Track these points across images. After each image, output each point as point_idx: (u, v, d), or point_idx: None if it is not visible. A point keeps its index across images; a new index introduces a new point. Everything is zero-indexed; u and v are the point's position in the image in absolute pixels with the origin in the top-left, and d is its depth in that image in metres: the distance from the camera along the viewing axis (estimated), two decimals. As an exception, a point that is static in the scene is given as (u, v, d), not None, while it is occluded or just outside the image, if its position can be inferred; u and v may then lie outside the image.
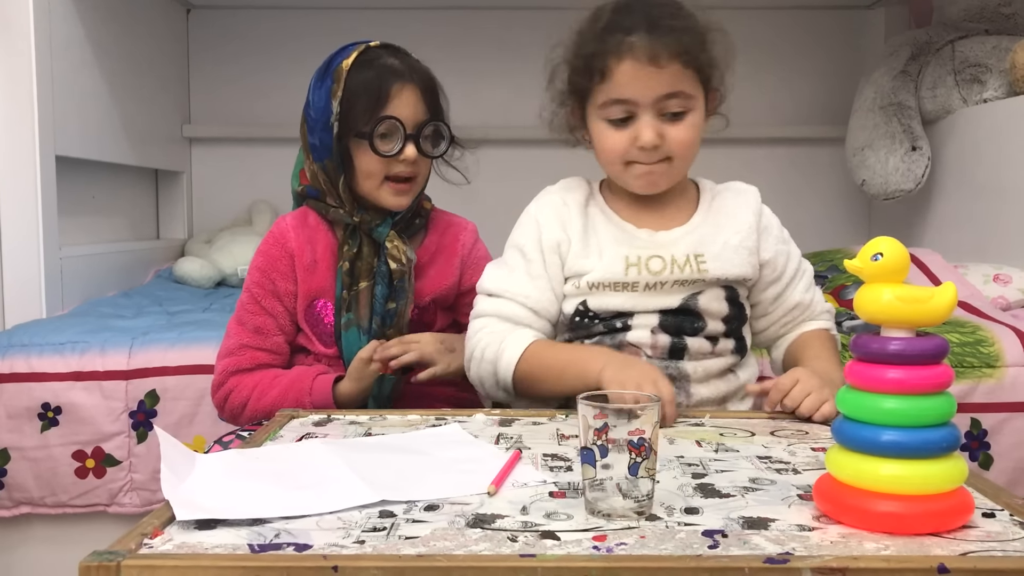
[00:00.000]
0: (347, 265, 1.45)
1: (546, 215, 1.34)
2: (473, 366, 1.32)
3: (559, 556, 0.71)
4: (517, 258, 1.35)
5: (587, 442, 0.82)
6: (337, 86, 1.42)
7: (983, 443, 1.77)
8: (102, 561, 0.70)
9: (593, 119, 1.29)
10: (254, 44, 3.41)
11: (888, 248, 0.80)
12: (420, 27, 3.36)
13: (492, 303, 1.34)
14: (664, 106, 1.24)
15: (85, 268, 2.42)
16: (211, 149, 3.42)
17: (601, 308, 1.30)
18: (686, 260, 1.29)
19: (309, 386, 1.40)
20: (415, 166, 1.44)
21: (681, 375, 1.28)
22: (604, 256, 1.30)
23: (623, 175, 1.31)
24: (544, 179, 1.42)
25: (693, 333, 1.29)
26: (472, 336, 1.33)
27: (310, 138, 1.46)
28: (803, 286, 1.39)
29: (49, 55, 2.22)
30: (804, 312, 1.39)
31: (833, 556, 0.71)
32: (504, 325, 1.32)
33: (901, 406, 0.77)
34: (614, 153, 1.28)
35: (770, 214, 1.39)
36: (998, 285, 2.17)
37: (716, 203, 1.36)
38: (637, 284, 1.29)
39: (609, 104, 1.25)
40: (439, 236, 1.55)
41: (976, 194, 2.62)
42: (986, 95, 2.64)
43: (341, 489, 0.87)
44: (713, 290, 1.31)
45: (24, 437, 1.80)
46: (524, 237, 1.35)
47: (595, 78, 1.25)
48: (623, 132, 1.26)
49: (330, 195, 1.47)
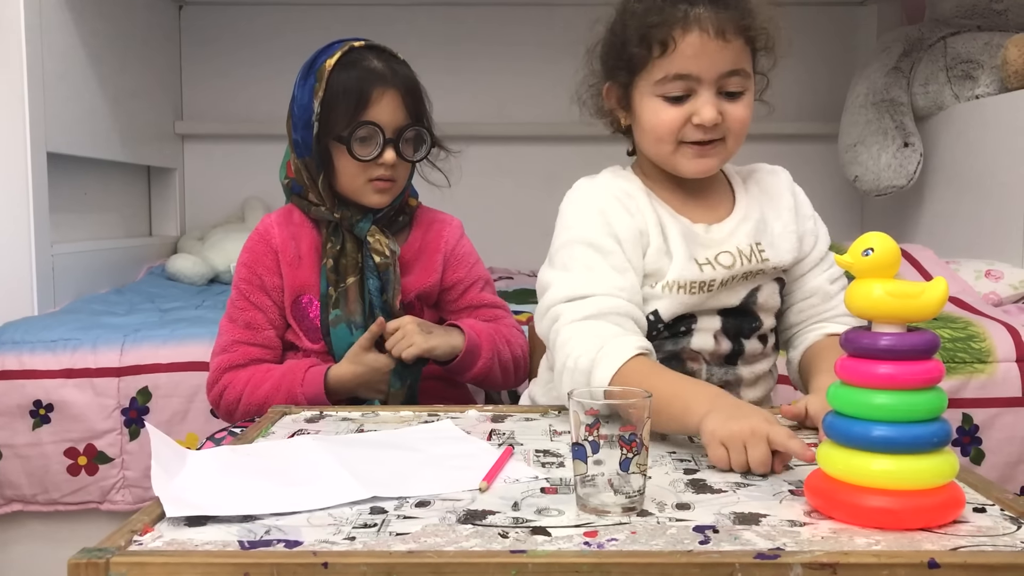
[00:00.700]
0: (331, 262, 1.46)
1: (612, 205, 1.21)
2: (566, 378, 1.11)
3: (550, 552, 0.71)
4: (589, 254, 1.18)
5: (578, 438, 0.82)
6: (319, 85, 1.41)
7: (974, 438, 1.78)
8: (91, 558, 0.70)
9: (644, 96, 1.20)
10: (247, 40, 3.41)
11: (879, 243, 0.80)
12: (410, 23, 3.37)
13: (577, 306, 1.15)
14: (724, 84, 1.17)
15: (77, 265, 2.42)
16: (203, 146, 3.41)
17: (670, 313, 1.19)
18: (750, 251, 1.22)
19: (301, 378, 1.40)
20: (394, 169, 1.44)
21: (736, 380, 1.24)
22: (675, 254, 1.20)
23: (672, 157, 1.21)
24: (532, 176, 1.41)
25: (749, 335, 1.24)
26: (562, 346, 1.14)
27: (294, 134, 1.46)
28: (828, 276, 1.30)
29: (40, 51, 2.22)
30: (824, 303, 1.29)
31: (824, 551, 0.71)
32: (601, 325, 1.13)
33: (892, 401, 0.77)
34: (667, 131, 1.18)
35: (801, 193, 1.34)
36: (990, 281, 2.18)
37: (752, 187, 1.30)
38: (713, 283, 1.20)
39: (669, 79, 1.16)
40: (423, 233, 1.55)
41: (968, 190, 2.63)
42: (978, 91, 2.65)
43: (332, 485, 0.87)
44: (770, 284, 1.26)
45: (16, 434, 1.80)
46: (589, 231, 1.19)
47: (655, 51, 1.16)
48: (679, 109, 1.17)
49: (312, 191, 1.47)
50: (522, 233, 2.94)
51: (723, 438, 0.93)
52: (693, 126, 1.18)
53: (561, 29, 3.11)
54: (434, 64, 1.53)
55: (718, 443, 0.94)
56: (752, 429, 0.93)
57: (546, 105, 3.18)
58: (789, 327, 1.32)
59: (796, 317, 1.31)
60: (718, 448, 0.94)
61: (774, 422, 0.94)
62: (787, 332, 1.33)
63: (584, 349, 1.10)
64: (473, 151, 1.53)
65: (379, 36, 1.53)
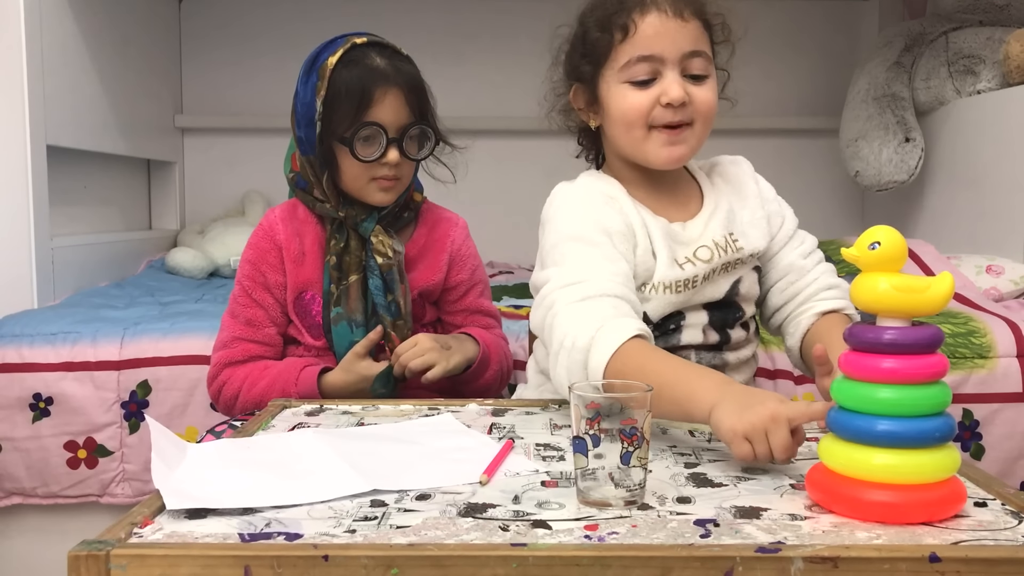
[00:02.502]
0: (334, 259, 1.45)
1: (597, 205, 1.22)
2: (563, 357, 1.08)
3: (551, 545, 0.71)
4: (580, 247, 1.17)
5: (579, 431, 0.82)
6: (322, 84, 1.40)
7: (975, 433, 1.78)
8: (91, 550, 0.70)
9: (611, 85, 1.21)
10: (247, 33, 3.40)
11: (886, 237, 0.79)
12: (411, 15, 3.35)
13: (573, 290, 1.13)
14: (688, 65, 1.19)
15: (77, 258, 2.41)
16: (203, 139, 3.41)
17: (658, 314, 1.20)
18: (725, 242, 1.24)
19: (295, 377, 1.40)
20: (398, 168, 1.43)
21: (722, 364, 1.25)
22: (659, 255, 1.21)
23: (643, 145, 1.21)
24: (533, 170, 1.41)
25: (734, 324, 1.26)
26: (559, 327, 1.11)
27: (298, 131, 1.45)
28: (800, 252, 1.31)
29: (40, 45, 2.21)
30: (801, 278, 1.30)
31: (825, 545, 0.71)
32: (598, 307, 1.10)
33: (897, 396, 0.77)
34: (637, 115, 1.19)
35: (763, 180, 1.35)
36: (990, 276, 2.17)
37: (717, 179, 1.32)
38: (697, 279, 1.21)
39: (633, 63, 1.18)
40: (428, 231, 1.54)
41: (969, 185, 2.63)
42: (979, 86, 2.65)
43: (332, 478, 0.87)
44: (750, 274, 1.27)
45: (15, 427, 1.79)
46: (577, 228, 1.19)
47: (616, 36, 1.19)
48: (646, 92, 1.19)
49: (317, 188, 1.46)
50: (523, 228, 2.92)
51: (745, 432, 0.90)
52: (662, 107, 1.19)
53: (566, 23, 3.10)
54: (436, 57, 1.52)
55: (741, 439, 0.90)
56: (771, 415, 0.89)
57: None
58: (774, 311, 1.33)
59: (778, 298, 1.32)
60: (743, 444, 0.90)
61: (787, 401, 0.92)
62: (775, 318, 1.33)
63: (582, 329, 1.07)
64: (474, 145, 1.52)
65: (381, 28, 1.52)
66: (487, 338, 1.51)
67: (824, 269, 1.32)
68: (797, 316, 1.29)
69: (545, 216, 1.25)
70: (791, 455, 0.90)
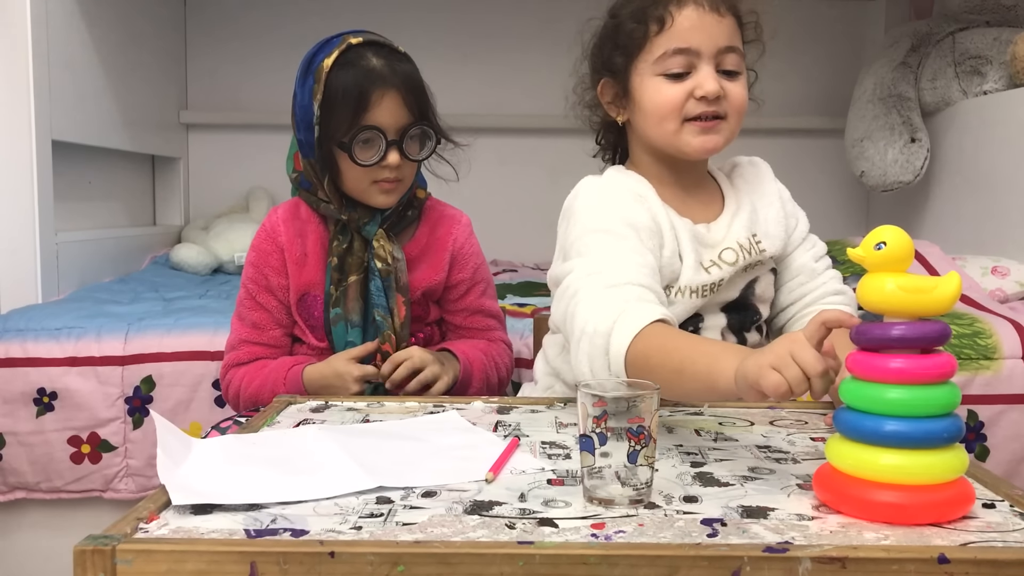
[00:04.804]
0: (335, 261, 1.44)
1: (626, 200, 1.21)
2: (584, 343, 1.07)
3: (557, 543, 0.71)
4: (606, 239, 1.16)
5: (586, 430, 0.81)
6: (318, 87, 1.37)
7: (980, 435, 1.77)
8: (97, 545, 0.70)
9: (644, 78, 1.21)
10: (252, 29, 3.40)
11: (892, 237, 0.79)
12: (416, 12, 3.35)
13: (597, 279, 1.11)
14: (722, 60, 1.19)
15: (81, 253, 2.42)
16: (208, 135, 3.41)
17: (678, 317, 1.18)
18: (749, 244, 1.24)
19: (283, 376, 1.41)
20: (399, 170, 1.40)
21: None
22: (686, 259, 1.20)
23: (676, 137, 1.20)
24: (537, 168, 1.40)
25: (750, 327, 1.26)
26: (580, 314, 1.09)
27: (297, 133, 1.43)
28: (812, 254, 1.32)
29: (46, 40, 2.21)
30: (811, 280, 1.30)
31: (833, 546, 0.70)
32: (621, 293, 1.08)
33: (905, 396, 0.76)
34: (671, 107, 1.19)
35: (780, 183, 1.36)
36: (996, 277, 2.17)
37: (737, 180, 1.32)
38: (721, 282, 1.21)
39: (668, 55, 1.18)
40: (431, 229, 1.53)
41: (975, 186, 2.62)
42: (986, 87, 2.64)
43: (338, 475, 0.87)
44: (767, 275, 1.27)
45: (19, 422, 1.80)
46: (603, 221, 1.18)
47: (652, 28, 1.19)
48: (680, 85, 1.19)
49: (320, 189, 1.45)
50: (527, 226, 2.94)
51: (771, 363, 0.84)
52: (696, 100, 1.19)
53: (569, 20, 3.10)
54: (441, 55, 1.51)
55: (769, 369, 0.84)
56: (790, 339, 0.86)
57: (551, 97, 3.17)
58: (780, 310, 1.33)
59: (786, 297, 1.32)
60: (771, 374, 0.84)
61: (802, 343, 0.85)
62: (779, 317, 1.33)
63: (603, 314, 1.06)
64: (477, 143, 1.51)
65: (385, 25, 1.51)
66: (470, 355, 1.48)
67: (832, 275, 1.33)
68: (802, 318, 1.30)
69: (569, 209, 1.24)
70: (823, 367, 0.83)
